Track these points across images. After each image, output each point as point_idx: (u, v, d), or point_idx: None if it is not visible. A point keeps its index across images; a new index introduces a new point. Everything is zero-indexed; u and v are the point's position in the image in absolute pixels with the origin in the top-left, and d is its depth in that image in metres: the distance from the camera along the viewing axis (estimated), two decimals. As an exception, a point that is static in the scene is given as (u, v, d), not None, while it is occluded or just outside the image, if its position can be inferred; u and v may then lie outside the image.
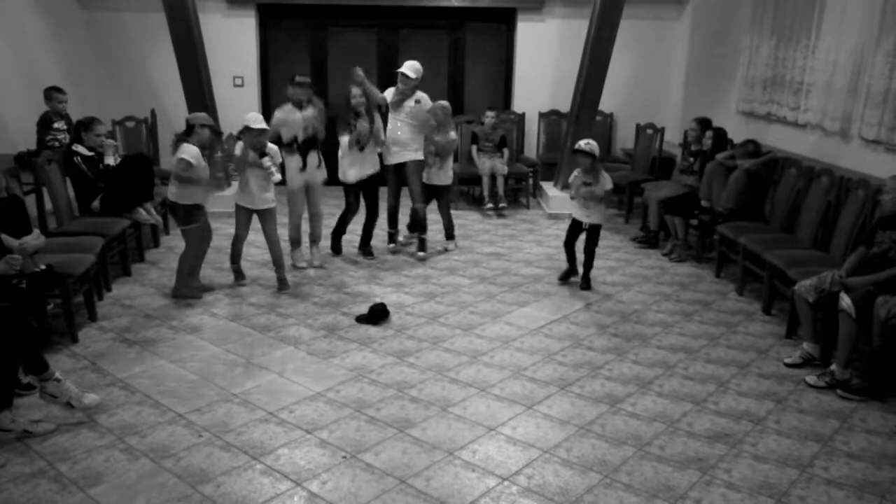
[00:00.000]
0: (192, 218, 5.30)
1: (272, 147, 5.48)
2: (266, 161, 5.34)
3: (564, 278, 5.96)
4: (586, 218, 5.76)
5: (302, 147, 5.86)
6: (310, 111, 5.85)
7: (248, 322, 4.98)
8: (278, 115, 5.86)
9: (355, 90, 5.91)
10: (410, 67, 6.16)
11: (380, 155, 6.29)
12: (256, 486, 3.18)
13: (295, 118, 5.82)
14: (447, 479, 3.25)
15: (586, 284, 5.81)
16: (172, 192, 5.24)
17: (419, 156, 6.33)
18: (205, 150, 5.22)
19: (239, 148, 5.41)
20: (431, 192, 6.58)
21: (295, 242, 6.19)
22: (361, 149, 6.00)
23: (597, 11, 7.40)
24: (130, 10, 8.49)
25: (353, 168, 6.08)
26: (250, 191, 5.45)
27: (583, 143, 5.61)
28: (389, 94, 6.25)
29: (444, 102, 6.46)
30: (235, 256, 5.73)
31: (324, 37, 9.10)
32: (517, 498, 3.13)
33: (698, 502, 3.11)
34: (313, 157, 5.94)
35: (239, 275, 5.77)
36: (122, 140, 7.72)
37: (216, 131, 5.40)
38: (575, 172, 5.77)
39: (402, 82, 6.19)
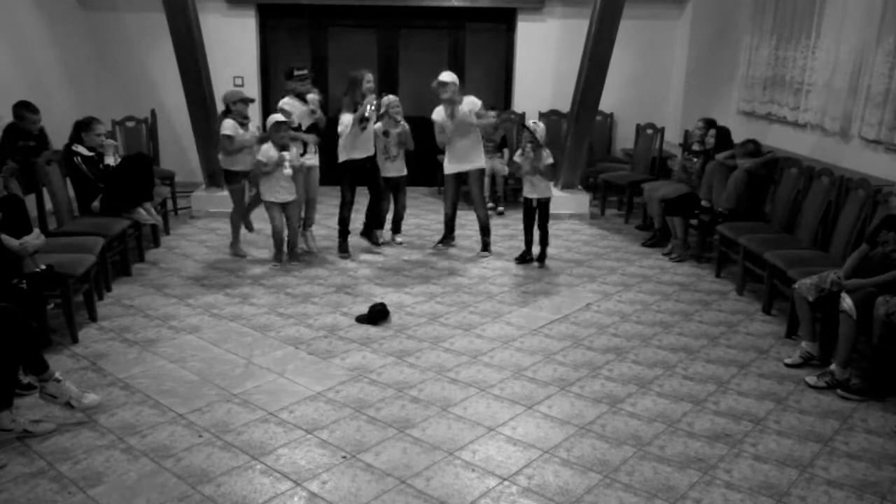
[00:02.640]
0: (234, 180, 6.17)
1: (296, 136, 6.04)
2: (286, 154, 5.86)
3: (521, 259, 6.35)
4: (533, 193, 6.15)
5: (306, 132, 6.16)
6: (315, 94, 6.21)
7: (248, 322, 4.98)
8: (286, 106, 6.12)
9: (369, 75, 6.16)
10: (446, 75, 6.21)
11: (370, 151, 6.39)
12: (256, 486, 3.18)
13: (299, 110, 6.13)
14: (447, 479, 3.25)
15: (542, 261, 6.27)
16: (220, 158, 6.18)
17: (480, 164, 6.42)
18: (245, 120, 6.09)
19: (264, 154, 5.83)
20: (390, 185, 6.68)
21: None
22: (364, 128, 6.13)
23: (597, 11, 7.39)
24: (130, 10, 8.49)
25: (346, 150, 6.20)
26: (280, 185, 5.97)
27: (531, 123, 6.10)
28: (440, 113, 6.28)
29: (393, 97, 6.50)
30: (280, 244, 6.17)
31: (324, 37, 9.09)
32: (517, 498, 3.13)
33: (698, 502, 3.11)
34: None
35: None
36: (122, 140, 7.72)
37: (246, 100, 6.09)
38: (519, 151, 6.21)
39: (441, 91, 6.17)
